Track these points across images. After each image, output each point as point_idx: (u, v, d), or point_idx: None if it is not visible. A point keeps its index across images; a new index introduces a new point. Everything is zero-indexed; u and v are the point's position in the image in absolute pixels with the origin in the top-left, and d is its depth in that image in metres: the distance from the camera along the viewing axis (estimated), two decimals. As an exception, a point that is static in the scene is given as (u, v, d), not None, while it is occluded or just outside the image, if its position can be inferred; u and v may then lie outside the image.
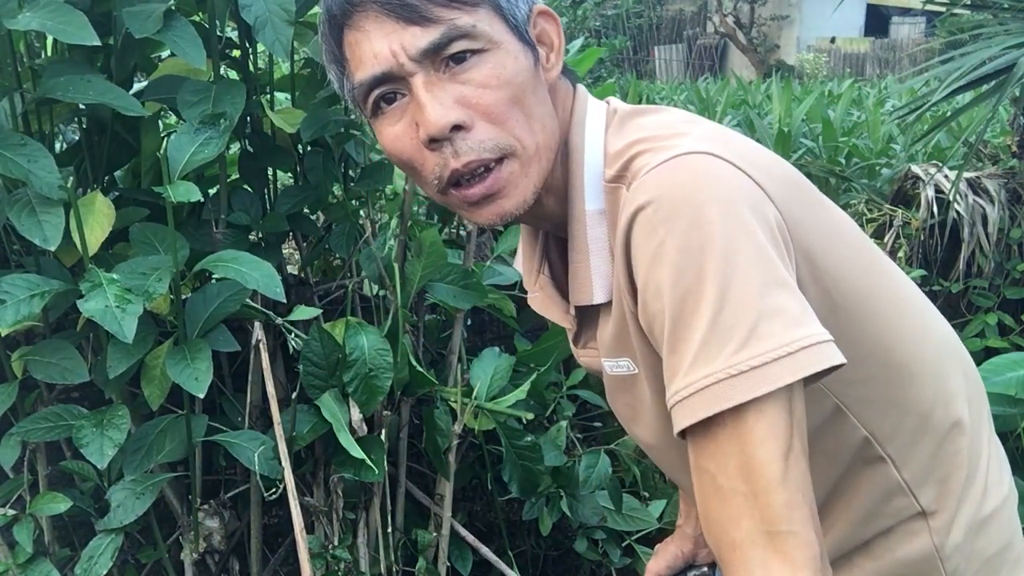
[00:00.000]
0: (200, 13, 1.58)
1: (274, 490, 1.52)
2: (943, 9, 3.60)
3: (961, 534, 0.90)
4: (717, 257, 0.71)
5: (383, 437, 1.64)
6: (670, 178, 0.76)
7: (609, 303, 0.89)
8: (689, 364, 0.72)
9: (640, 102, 4.63)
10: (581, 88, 0.92)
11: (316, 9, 1.63)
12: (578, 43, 2.34)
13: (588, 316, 0.96)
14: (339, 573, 1.65)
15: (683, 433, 0.74)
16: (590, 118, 0.89)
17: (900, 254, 2.93)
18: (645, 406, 0.92)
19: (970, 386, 0.95)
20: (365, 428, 1.63)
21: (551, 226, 0.96)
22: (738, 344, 0.70)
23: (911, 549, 0.90)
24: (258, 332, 1.58)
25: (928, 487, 0.89)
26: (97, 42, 1.26)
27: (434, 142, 0.83)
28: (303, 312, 1.51)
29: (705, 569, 1.18)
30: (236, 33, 1.66)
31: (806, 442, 0.73)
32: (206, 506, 1.66)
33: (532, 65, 0.85)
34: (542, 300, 1.02)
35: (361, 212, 1.87)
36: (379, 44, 0.81)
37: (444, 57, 0.81)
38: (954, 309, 3.03)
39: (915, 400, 0.88)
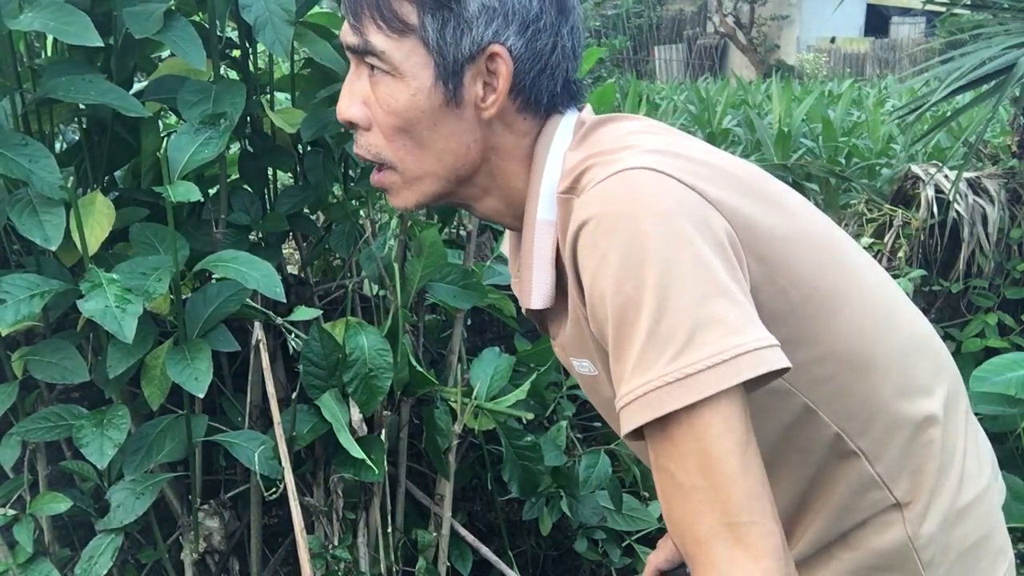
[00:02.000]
0: (200, 13, 1.58)
1: (274, 490, 1.52)
2: (943, 9, 3.60)
3: (935, 524, 0.91)
4: (655, 269, 0.75)
5: (383, 437, 1.64)
6: (610, 193, 0.80)
7: (564, 306, 0.93)
8: (630, 372, 0.76)
9: (640, 102, 4.63)
10: (556, 118, 0.93)
11: (316, 9, 1.63)
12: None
13: (550, 314, 0.99)
14: (339, 573, 1.65)
15: (641, 435, 0.77)
16: (558, 135, 0.93)
17: (900, 254, 2.93)
18: (610, 403, 0.94)
19: (944, 378, 0.96)
20: (365, 428, 1.63)
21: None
22: (675, 352, 0.73)
23: (885, 539, 0.91)
24: (258, 332, 1.58)
25: (902, 479, 0.90)
26: (99, 42, 1.26)
27: None
28: (303, 313, 1.51)
29: None
30: (236, 33, 1.66)
31: (754, 436, 0.76)
32: (206, 506, 1.66)
33: (442, 102, 0.88)
34: (518, 286, 1.05)
35: (361, 212, 1.87)
36: (344, 22, 0.91)
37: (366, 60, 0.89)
38: (954, 309, 3.04)
39: (882, 395, 0.89)
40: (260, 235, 1.68)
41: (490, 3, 0.86)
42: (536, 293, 0.93)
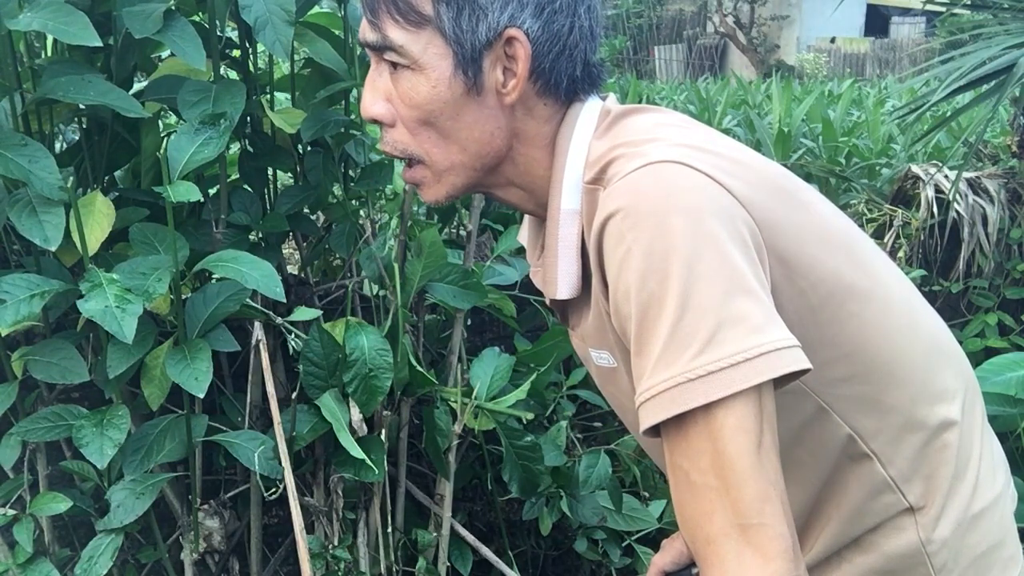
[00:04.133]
0: (200, 13, 1.58)
1: (274, 490, 1.52)
2: (943, 9, 3.60)
3: (948, 530, 0.90)
4: (680, 265, 0.74)
5: (383, 437, 1.64)
6: (637, 187, 0.79)
7: (587, 296, 0.92)
8: (652, 367, 0.75)
9: (640, 102, 4.63)
10: (578, 105, 0.93)
11: (316, 9, 1.63)
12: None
13: (571, 304, 0.98)
14: (339, 573, 1.65)
15: (657, 432, 0.77)
16: (580, 123, 0.92)
17: (900, 254, 2.93)
18: (627, 397, 0.94)
19: (962, 383, 0.95)
20: (365, 428, 1.63)
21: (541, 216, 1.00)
22: (697, 350, 0.73)
23: (898, 543, 0.91)
24: (258, 332, 1.58)
25: (915, 483, 0.90)
26: (98, 42, 1.26)
27: None
28: (303, 313, 1.51)
29: None
30: (236, 33, 1.66)
31: (777, 438, 0.76)
32: (206, 506, 1.66)
33: (463, 92, 0.88)
34: (543, 276, 1.05)
35: (361, 212, 1.87)
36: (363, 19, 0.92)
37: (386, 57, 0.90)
38: (954, 309, 3.04)
39: (899, 398, 0.89)
40: (260, 235, 1.68)
41: None
42: (562, 283, 0.93)
